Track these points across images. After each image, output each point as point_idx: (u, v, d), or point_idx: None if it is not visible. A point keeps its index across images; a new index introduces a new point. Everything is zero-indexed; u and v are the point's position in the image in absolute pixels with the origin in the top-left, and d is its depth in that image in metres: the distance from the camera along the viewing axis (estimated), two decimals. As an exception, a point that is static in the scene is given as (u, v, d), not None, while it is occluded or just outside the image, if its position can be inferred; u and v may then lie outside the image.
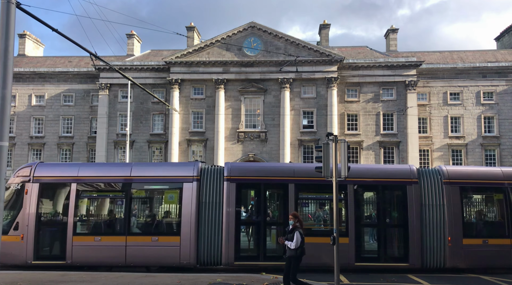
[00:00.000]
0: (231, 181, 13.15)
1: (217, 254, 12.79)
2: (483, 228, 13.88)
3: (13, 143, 40.24)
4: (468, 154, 37.77)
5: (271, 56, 37.57)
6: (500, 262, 13.13)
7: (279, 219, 13.66)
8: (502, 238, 13.26)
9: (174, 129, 37.60)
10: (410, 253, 12.94)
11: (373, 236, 14.00)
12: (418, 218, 13.00)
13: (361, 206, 13.99)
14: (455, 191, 13.32)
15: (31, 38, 46.26)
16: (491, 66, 38.70)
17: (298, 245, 9.28)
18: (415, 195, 13.16)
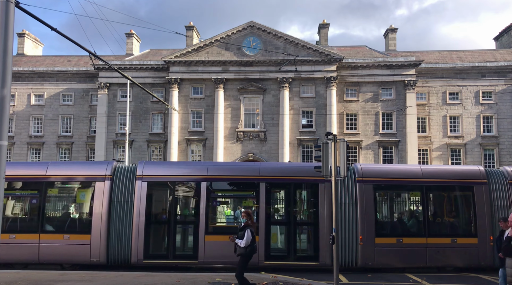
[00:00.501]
0: (143, 180, 13.21)
1: (127, 252, 12.84)
2: (397, 227, 13.69)
3: (12, 142, 40.19)
4: (467, 154, 37.82)
5: (271, 55, 37.57)
6: (415, 261, 12.94)
7: (188, 217, 13.76)
8: (417, 237, 13.14)
9: (173, 128, 37.59)
10: (320, 251, 12.74)
11: (284, 235, 13.69)
12: (330, 216, 12.70)
13: (274, 204, 14.09)
14: (368, 189, 13.15)
15: (30, 38, 46.21)
16: (490, 66, 38.74)
17: (248, 243, 9.24)
18: (328, 192, 12.85)
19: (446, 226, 13.76)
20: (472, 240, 13.01)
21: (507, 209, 13.14)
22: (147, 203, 13.11)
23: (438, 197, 14.10)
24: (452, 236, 13.24)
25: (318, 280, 11.26)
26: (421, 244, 12.93)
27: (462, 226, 13.76)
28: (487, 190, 13.34)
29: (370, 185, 13.22)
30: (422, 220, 13.46)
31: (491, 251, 12.75)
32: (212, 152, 37.28)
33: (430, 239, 13.01)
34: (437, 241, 13.03)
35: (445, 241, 12.88)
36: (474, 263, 12.92)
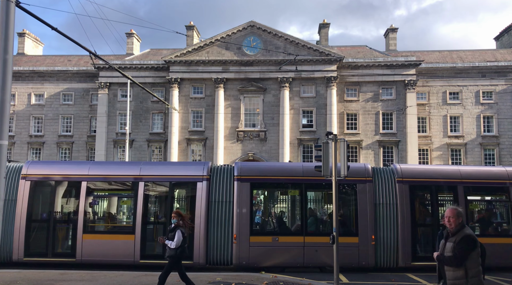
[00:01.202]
0: (26, 179, 13.44)
1: (8, 250, 12.95)
2: (274, 226, 13.60)
3: (13, 142, 40.20)
4: (467, 153, 37.81)
5: (271, 55, 37.57)
6: (292, 260, 12.77)
7: (68, 216, 13.81)
8: (295, 236, 13.00)
9: (174, 128, 37.59)
10: (195, 250, 12.64)
11: None
12: (205, 215, 12.72)
13: (151, 203, 14.08)
14: (245, 187, 13.04)
15: (31, 37, 46.21)
16: (490, 66, 38.73)
17: (179, 245, 8.99)
18: (205, 191, 12.93)
19: (325, 225, 13.51)
20: (353, 239, 12.78)
21: (393, 208, 12.99)
22: (29, 201, 13.23)
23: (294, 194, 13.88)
24: None
25: (318, 280, 11.27)
26: (298, 243, 12.77)
27: (343, 224, 13.35)
28: (370, 188, 13.13)
29: (247, 183, 13.09)
30: (299, 219, 13.34)
31: (372, 250, 12.67)
32: (212, 151, 37.29)
33: (308, 238, 12.84)
34: (315, 240, 12.80)
35: (323, 240, 12.42)
36: (355, 262, 12.70)
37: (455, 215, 5.73)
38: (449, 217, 5.77)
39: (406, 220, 12.94)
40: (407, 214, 12.99)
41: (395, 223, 12.96)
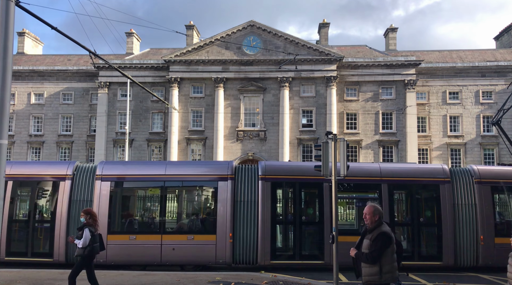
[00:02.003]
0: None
1: None
2: (131, 224, 13.61)
3: (12, 141, 40.19)
4: (467, 153, 37.82)
5: (271, 55, 37.56)
6: (150, 258, 12.78)
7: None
8: (152, 234, 13.05)
9: (173, 128, 37.58)
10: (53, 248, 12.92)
11: None
12: (66, 213, 13.05)
13: None
14: (105, 185, 13.28)
15: (30, 37, 46.19)
16: (490, 66, 38.74)
17: (87, 244, 8.60)
18: (68, 189, 13.22)
19: (183, 223, 13.56)
20: (211, 237, 12.83)
21: (252, 206, 13.05)
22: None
23: (182, 192, 13.98)
24: (189, 233, 13.08)
25: (317, 279, 11.27)
26: (156, 241, 12.82)
27: (201, 223, 13.46)
28: (231, 186, 13.12)
29: (108, 183, 13.25)
30: (157, 217, 13.41)
31: (230, 248, 12.73)
32: (212, 151, 37.29)
33: (165, 237, 12.93)
34: (173, 238, 12.93)
35: (181, 239, 12.69)
36: (212, 260, 12.78)
37: (371, 212, 5.74)
38: (366, 214, 5.81)
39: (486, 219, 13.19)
40: (486, 212, 13.24)
41: None
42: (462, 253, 13.08)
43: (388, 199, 13.34)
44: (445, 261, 13.03)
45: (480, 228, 13.10)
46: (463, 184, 13.53)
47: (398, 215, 14.14)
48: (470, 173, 13.79)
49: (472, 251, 13.09)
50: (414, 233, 13.42)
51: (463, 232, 13.16)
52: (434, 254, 13.28)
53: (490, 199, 13.40)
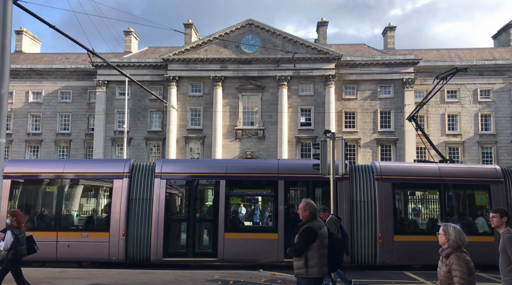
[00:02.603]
0: None
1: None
2: (82, 221, 13.78)
3: (10, 140, 40.12)
4: (465, 152, 37.90)
5: (269, 53, 37.55)
6: (44, 255, 12.49)
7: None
8: (48, 231, 13.03)
9: (172, 126, 37.56)
10: None
11: None
12: None
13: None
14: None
15: (28, 35, 46.07)
16: (488, 64, 38.79)
17: (8, 247, 8.23)
18: None
19: (79, 221, 13.67)
20: (104, 235, 12.91)
21: (147, 203, 13.05)
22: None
23: (76, 190, 14.05)
24: (84, 231, 13.19)
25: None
26: (51, 238, 12.84)
27: (96, 221, 13.63)
28: (127, 184, 13.15)
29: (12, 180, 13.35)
30: (53, 214, 13.48)
31: (123, 246, 12.81)
32: (211, 149, 37.28)
33: (60, 233, 13.01)
34: (68, 235, 13.00)
35: (75, 236, 12.82)
36: (105, 257, 12.88)
37: (302, 208, 5.94)
38: (299, 209, 6.01)
39: None
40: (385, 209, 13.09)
41: None
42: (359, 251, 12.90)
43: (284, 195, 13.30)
44: None
45: (379, 226, 12.87)
46: (362, 180, 13.27)
47: None
48: (371, 169, 13.56)
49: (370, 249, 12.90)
50: None
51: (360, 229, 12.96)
52: None
53: (391, 196, 13.14)
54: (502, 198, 13.20)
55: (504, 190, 13.31)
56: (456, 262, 4.51)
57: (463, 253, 4.59)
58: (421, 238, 13.02)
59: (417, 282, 11.57)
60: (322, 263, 5.78)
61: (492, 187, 13.31)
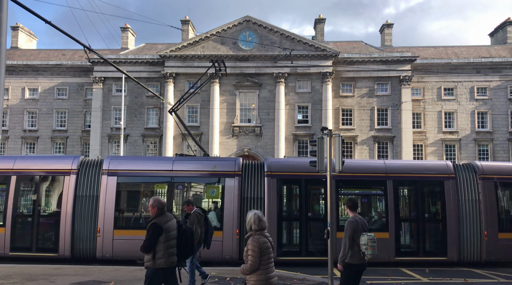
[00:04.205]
0: None
1: None
2: None
3: (6, 136, 39.97)
4: (461, 149, 38.00)
5: (266, 50, 37.48)
6: None
7: None
8: None
9: (169, 123, 37.50)
10: None
11: None
12: None
13: None
14: None
15: (24, 31, 45.81)
16: (485, 62, 38.85)
17: None
18: None
19: None
20: None
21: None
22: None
23: None
24: None
25: (313, 275, 11.32)
26: None
27: None
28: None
29: None
30: None
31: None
32: (208, 146, 37.22)
33: None
34: None
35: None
36: None
37: (150, 205, 6.31)
38: (148, 206, 6.41)
39: None
40: None
41: None
42: None
43: None
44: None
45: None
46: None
47: None
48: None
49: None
50: None
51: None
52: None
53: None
54: None
55: None
56: (250, 242, 5.19)
57: (261, 236, 5.24)
58: None
59: (413, 278, 11.62)
60: (169, 254, 6.15)
61: None
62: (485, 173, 13.78)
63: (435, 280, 11.31)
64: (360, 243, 6.91)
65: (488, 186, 13.58)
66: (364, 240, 6.89)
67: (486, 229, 13.21)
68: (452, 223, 13.20)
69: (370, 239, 6.87)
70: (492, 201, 13.49)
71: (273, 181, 13.33)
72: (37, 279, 10.14)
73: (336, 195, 13.35)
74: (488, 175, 13.79)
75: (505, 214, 14.04)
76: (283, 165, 14.21)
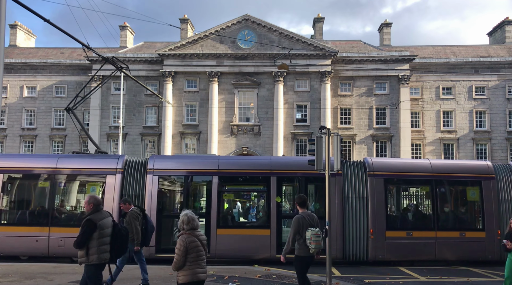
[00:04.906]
0: None
1: None
2: None
3: (5, 135, 39.91)
4: (459, 148, 38.07)
5: (265, 49, 37.48)
6: None
7: None
8: None
9: (167, 122, 37.47)
10: None
11: None
12: None
13: None
14: None
15: (23, 29, 45.71)
16: (483, 61, 38.91)
17: None
18: None
19: None
20: None
21: None
22: None
23: None
24: None
25: (311, 273, 11.32)
26: None
27: None
28: None
29: None
30: None
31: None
32: (206, 145, 37.24)
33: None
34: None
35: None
36: None
37: (86, 202, 6.45)
38: (84, 203, 6.57)
39: None
40: None
41: None
42: None
43: None
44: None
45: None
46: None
47: None
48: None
49: None
50: None
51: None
52: None
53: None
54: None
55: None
56: (178, 241, 5.62)
57: (190, 235, 5.65)
58: None
59: (411, 277, 11.64)
60: (102, 250, 6.30)
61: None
62: (374, 169, 13.27)
63: (433, 279, 11.34)
64: (306, 238, 7.53)
65: (377, 183, 13.08)
66: (309, 235, 7.52)
67: (372, 227, 12.79)
68: (336, 221, 12.66)
69: (314, 234, 7.49)
70: (380, 198, 13.01)
71: None
72: (35, 277, 10.14)
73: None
74: (377, 171, 13.28)
75: (393, 212, 13.76)
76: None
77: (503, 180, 13.52)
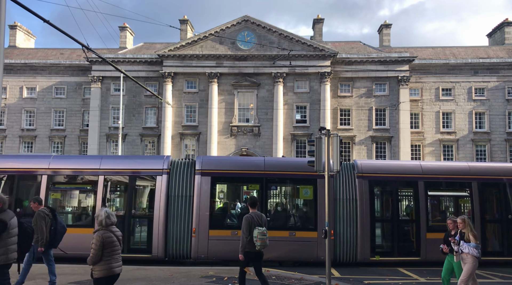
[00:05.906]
0: None
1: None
2: None
3: (4, 135, 39.89)
4: (459, 150, 38.10)
5: (265, 50, 37.50)
6: None
7: None
8: None
9: (167, 123, 37.47)
10: None
11: None
12: None
13: None
14: None
15: (22, 30, 45.72)
16: (483, 62, 38.95)
17: None
18: None
19: None
20: None
21: None
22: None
23: None
24: None
25: (310, 274, 11.33)
26: None
27: None
28: None
29: None
30: None
31: None
32: (206, 146, 37.24)
33: None
34: None
35: None
36: None
37: None
38: None
39: None
40: None
41: None
42: None
43: None
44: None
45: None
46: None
47: None
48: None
49: None
50: None
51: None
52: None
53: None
54: None
55: None
56: (95, 237, 5.83)
57: (106, 231, 5.89)
58: None
59: (410, 278, 11.65)
60: (9, 250, 6.26)
61: None
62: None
63: (432, 280, 11.34)
64: (253, 236, 8.23)
65: (204, 181, 13.09)
66: (256, 233, 8.22)
67: (195, 226, 12.75)
68: (158, 220, 12.76)
69: (260, 233, 8.21)
70: (206, 196, 13.00)
71: None
72: (34, 278, 10.13)
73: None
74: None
75: (217, 210, 13.75)
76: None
77: None
